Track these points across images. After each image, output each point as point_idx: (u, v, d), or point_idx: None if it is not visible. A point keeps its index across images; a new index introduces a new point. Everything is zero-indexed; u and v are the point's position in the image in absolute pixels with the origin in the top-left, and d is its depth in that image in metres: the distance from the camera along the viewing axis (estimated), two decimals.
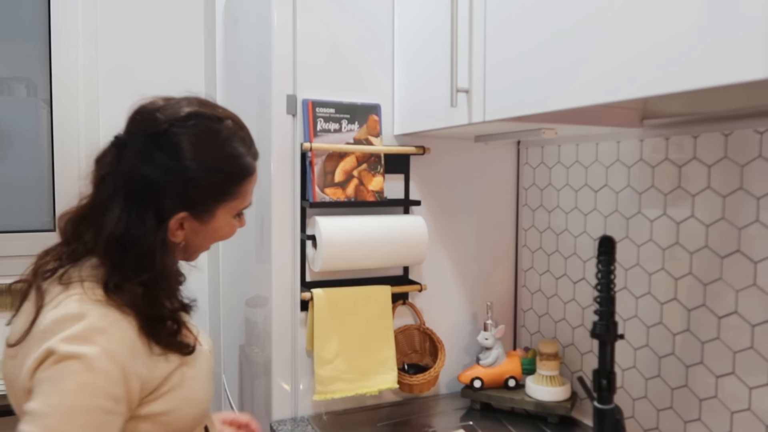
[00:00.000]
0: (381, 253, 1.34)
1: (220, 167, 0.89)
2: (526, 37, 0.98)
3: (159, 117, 0.87)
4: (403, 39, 1.38)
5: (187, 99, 0.91)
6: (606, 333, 1.06)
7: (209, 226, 0.92)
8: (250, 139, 0.94)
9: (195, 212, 0.89)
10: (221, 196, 0.90)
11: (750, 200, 1.04)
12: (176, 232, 0.89)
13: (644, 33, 0.78)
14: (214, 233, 0.94)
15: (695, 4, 0.71)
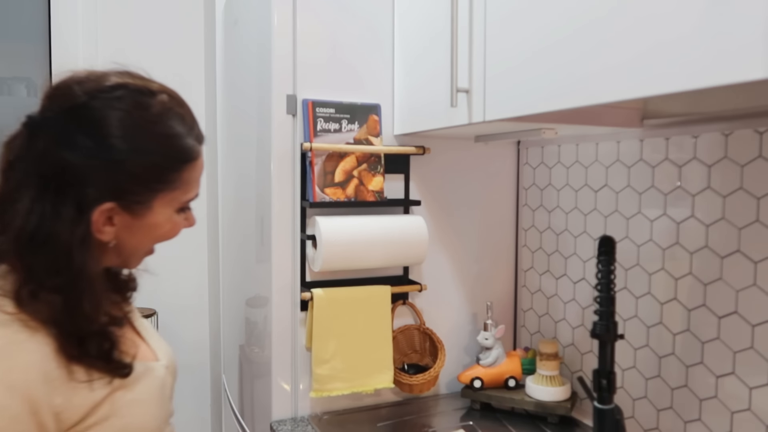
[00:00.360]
0: (381, 253, 1.34)
1: (153, 148, 0.75)
2: (526, 37, 0.98)
3: (77, 90, 0.73)
4: (403, 39, 1.38)
5: (115, 71, 0.77)
6: (606, 333, 1.06)
7: (145, 221, 0.77)
8: (192, 118, 0.80)
9: (125, 203, 0.75)
10: (157, 184, 0.76)
11: (750, 200, 1.04)
12: (103, 227, 0.75)
13: (644, 33, 0.77)
14: (153, 231, 0.79)
15: (695, 4, 0.71)
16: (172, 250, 2.26)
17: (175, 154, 0.77)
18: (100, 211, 0.74)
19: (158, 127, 0.75)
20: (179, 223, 0.82)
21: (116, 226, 0.76)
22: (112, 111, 0.72)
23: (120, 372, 0.76)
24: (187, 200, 0.81)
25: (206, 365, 2.33)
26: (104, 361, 0.74)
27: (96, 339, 0.74)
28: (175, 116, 0.77)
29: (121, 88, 0.74)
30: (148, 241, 0.81)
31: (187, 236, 2.28)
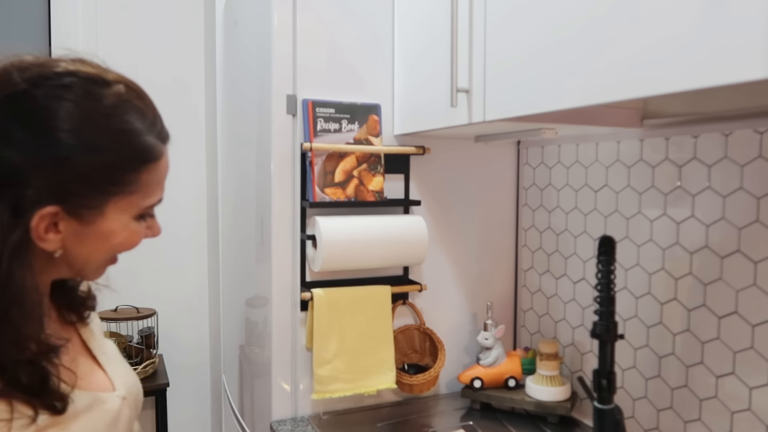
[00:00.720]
0: (381, 253, 1.34)
1: (105, 144, 0.65)
2: (526, 36, 0.98)
3: (16, 76, 0.63)
4: (404, 39, 1.38)
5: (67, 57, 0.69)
6: (606, 333, 1.06)
7: (97, 228, 0.67)
8: (154, 113, 0.70)
9: (71, 207, 0.65)
10: (109, 186, 0.66)
11: (750, 200, 1.04)
12: (45, 235, 0.64)
13: (644, 33, 0.78)
14: (107, 240, 0.68)
15: (695, 4, 0.71)
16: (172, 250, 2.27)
17: (131, 153, 0.66)
18: (41, 216, 0.63)
19: (112, 121, 0.65)
20: (138, 232, 0.70)
21: (62, 233, 0.66)
22: (57, 101, 0.63)
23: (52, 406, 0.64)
24: (148, 206, 0.71)
25: (206, 365, 2.33)
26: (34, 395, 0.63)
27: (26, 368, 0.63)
28: (132, 109, 0.67)
29: (69, 76, 0.65)
30: (102, 252, 0.69)
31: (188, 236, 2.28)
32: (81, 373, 0.73)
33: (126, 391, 0.78)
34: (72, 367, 0.70)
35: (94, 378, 0.76)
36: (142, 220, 0.72)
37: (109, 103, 0.66)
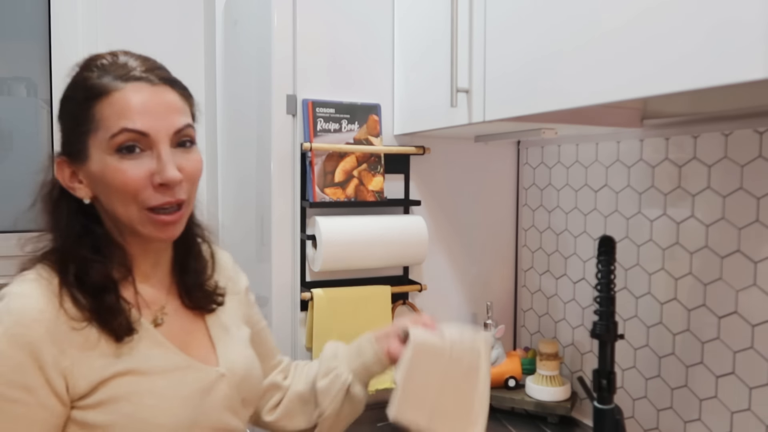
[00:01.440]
0: (381, 253, 1.34)
1: (70, 94, 0.78)
2: (526, 36, 0.98)
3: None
4: (404, 38, 1.38)
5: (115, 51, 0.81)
6: (606, 333, 1.06)
7: (92, 170, 0.76)
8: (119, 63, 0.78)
9: (69, 154, 0.78)
10: (79, 126, 0.76)
11: (750, 200, 1.03)
12: (74, 185, 0.78)
13: (644, 33, 0.78)
14: (102, 181, 0.75)
15: (695, 4, 0.71)
16: None
17: (84, 93, 0.76)
18: (57, 166, 0.78)
19: (77, 75, 0.78)
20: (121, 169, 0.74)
21: (83, 182, 0.78)
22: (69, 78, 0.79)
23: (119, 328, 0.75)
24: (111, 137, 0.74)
25: None
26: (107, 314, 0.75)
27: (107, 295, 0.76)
28: (96, 63, 0.78)
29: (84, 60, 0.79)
30: (114, 197, 0.76)
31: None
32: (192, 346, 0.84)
33: (228, 370, 0.85)
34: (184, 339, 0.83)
35: (202, 352, 0.85)
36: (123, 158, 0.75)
37: (82, 64, 0.79)
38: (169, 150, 0.76)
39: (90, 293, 0.75)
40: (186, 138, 0.79)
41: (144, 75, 0.76)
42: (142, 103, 0.75)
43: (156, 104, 0.76)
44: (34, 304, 0.71)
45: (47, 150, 1.96)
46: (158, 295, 0.85)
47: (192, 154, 0.80)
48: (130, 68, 0.76)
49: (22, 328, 0.69)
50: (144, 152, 0.75)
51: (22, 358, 0.69)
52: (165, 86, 0.78)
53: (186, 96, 0.82)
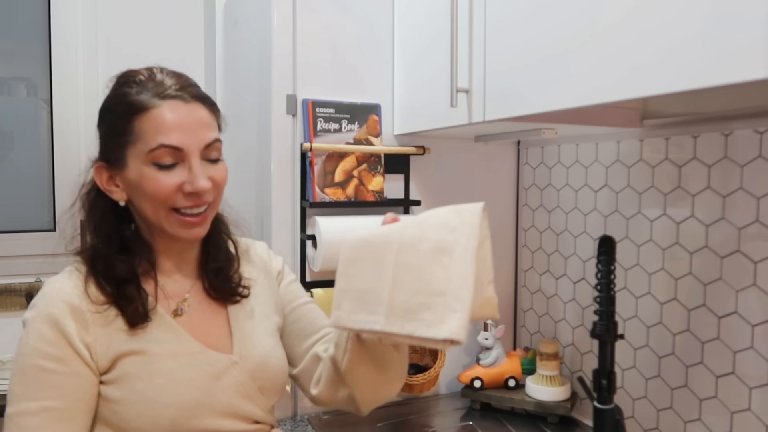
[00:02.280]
0: None
1: (111, 107, 0.86)
2: (525, 36, 0.98)
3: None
4: (404, 39, 1.38)
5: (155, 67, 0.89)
6: (606, 333, 1.06)
7: (128, 177, 0.85)
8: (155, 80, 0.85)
9: (108, 161, 0.86)
10: (118, 137, 0.84)
11: (750, 200, 1.03)
12: (111, 188, 0.87)
13: (644, 33, 0.78)
14: (138, 187, 0.84)
15: (695, 4, 0.71)
16: None
17: (123, 108, 0.84)
18: (96, 170, 0.87)
19: (118, 90, 0.86)
20: (155, 179, 0.83)
21: (120, 186, 0.86)
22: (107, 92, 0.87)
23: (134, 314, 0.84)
24: (150, 151, 0.82)
25: None
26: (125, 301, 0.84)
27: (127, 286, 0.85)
28: (132, 81, 0.85)
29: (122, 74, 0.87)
30: (145, 200, 0.85)
31: None
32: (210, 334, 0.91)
33: (241, 358, 0.90)
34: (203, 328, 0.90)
35: (218, 340, 0.91)
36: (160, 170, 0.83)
37: (120, 80, 0.87)
38: (199, 162, 0.84)
39: (113, 283, 0.85)
40: (214, 152, 0.87)
41: (178, 93, 0.84)
42: (177, 120, 0.83)
43: (189, 121, 0.84)
44: (62, 287, 0.83)
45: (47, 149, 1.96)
46: (182, 288, 0.92)
47: (220, 165, 0.88)
48: (166, 86, 0.84)
49: (51, 308, 0.81)
50: (177, 164, 0.84)
51: (53, 333, 0.80)
52: (197, 103, 0.85)
53: (214, 111, 0.89)
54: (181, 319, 0.90)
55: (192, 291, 0.93)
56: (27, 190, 1.94)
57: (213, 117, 0.88)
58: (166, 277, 0.91)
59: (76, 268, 0.87)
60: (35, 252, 1.86)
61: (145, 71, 0.86)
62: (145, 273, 0.89)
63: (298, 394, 1.38)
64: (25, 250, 1.85)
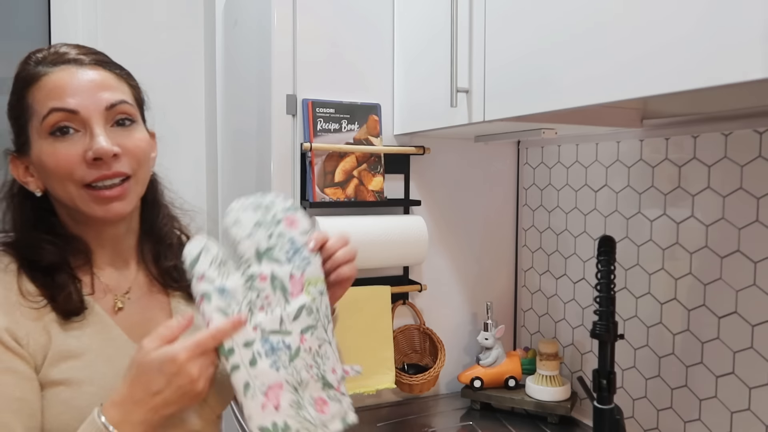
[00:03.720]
0: (381, 253, 1.34)
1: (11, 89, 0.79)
2: (525, 37, 0.98)
3: None
4: (403, 39, 1.38)
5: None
6: (606, 333, 1.06)
7: (35, 160, 0.77)
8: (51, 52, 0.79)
9: (17, 149, 0.79)
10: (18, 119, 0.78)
11: (750, 200, 1.03)
12: (27, 180, 0.79)
13: (644, 33, 0.78)
14: (44, 167, 0.76)
15: (695, 4, 0.71)
16: None
17: (19, 85, 0.78)
18: (11, 164, 0.80)
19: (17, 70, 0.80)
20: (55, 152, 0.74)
21: (33, 175, 0.78)
22: None
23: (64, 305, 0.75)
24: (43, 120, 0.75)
25: None
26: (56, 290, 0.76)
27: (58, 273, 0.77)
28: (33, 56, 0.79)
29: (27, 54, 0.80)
30: (54, 180, 0.76)
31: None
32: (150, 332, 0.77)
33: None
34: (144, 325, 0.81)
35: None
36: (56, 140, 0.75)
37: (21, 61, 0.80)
38: (103, 127, 0.75)
39: (42, 272, 0.76)
40: (123, 115, 0.78)
41: (75, 58, 0.77)
42: (69, 82, 0.75)
43: (85, 82, 0.75)
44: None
45: None
46: (123, 281, 0.84)
47: (133, 132, 0.79)
48: (63, 54, 0.77)
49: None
50: (78, 132, 0.75)
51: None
52: (97, 67, 0.77)
53: (123, 76, 0.81)
54: (121, 315, 0.81)
55: (135, 283, 0.85)
56: None
57: (120, 81, 0.79)
58: (103, 271, 0.82)
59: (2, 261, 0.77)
60: None
61: (47, 48, 0.79)
62: (79, 267, 0.80)
63: None
64: None
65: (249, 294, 0.75)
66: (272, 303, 0.76)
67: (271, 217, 0.79)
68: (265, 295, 0.76)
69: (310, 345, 0.77)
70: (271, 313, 0.75)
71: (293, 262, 0.78)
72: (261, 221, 0.79)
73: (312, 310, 0.77)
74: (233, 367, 0.71)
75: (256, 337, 0.73)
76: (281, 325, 0.75)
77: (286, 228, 0.79)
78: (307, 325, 0.77)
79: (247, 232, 0.78)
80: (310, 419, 0.74)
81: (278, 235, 0.78)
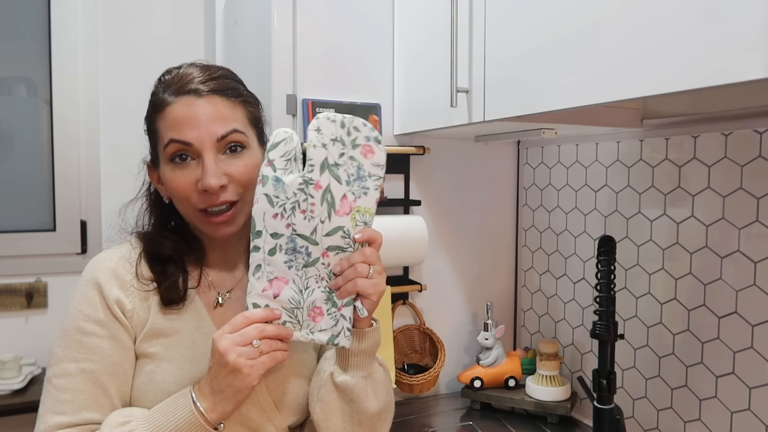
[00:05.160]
0: (381, 253, 1.33)
1: (147, 106, 0.88)
2: (526, 37, 0.98)
3: None
4: (403, 39, 1.38)
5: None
6: (606, 333, 1.06)
7: (162, 176, 0.87)
8: (173, 76, 0.86)
9: (151, 159, 0.89)
10: (149, 136, 0.88)
11: (750, 200, 1.04)
12: (159, 186, 0.90)
13: (644, 33, 0.78)
14: (167, 187, 0.86)
15: (695, 4, 0.71)
16: None
17: (149, 108, 0.86)
18: (147, 170, 0.91)
19: (153, 90, 0.86)
20: (174, 178, 0.83)
21: (163, 184, 0.87)
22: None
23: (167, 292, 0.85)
24: (164, 149, 0.83)
25: None
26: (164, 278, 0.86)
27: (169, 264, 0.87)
28: (163, 78, 0.86)
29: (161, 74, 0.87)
30: (175, 200, 0.86)
31: None
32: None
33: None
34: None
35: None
36: (175, 167, 0.83)
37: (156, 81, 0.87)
38: (213, 157, 0.81)
39: (159, 261, 0.87)
40: (233, 143, 0.83)
41: (196, 87, 0.82)
42: (187, 115, 0.81)
43: (200, 114, 0.81)
44: (110, 256, 0.87)
45: (47, 149, 1.96)
46: (228, 281, 0.92)
47: (241, 159, 0.83)
48: (185, 81, 0.83)
49: (95, 271, 0.84)
50: (194, 160, 0.82)
51: (94, 296, 0.82)
52: (213, 96, 0.83)
53: (238, 101, 0.85)
54: (219, 311, 0.89)
55: (239, 284, 0.92)
56: (27, 190, 1.94)
57: (234, 109, 0.84)
58: (212, 269, 0.92)
59: (129, 242, 0.90)
60: (35, 252, 1.86)
61: (176, 68, 0.86)
62: (192, 263, 0.90)
63: None
64: (25, 250, 1.85)
65: (299, 194, 0.80)
66: (315, 212, 0.80)
67: (352, 139, 0.82)
68: (311, 202, 0.80)
69: (330, 262, 0.80)
70: (310, 220, 0.80)
71: (351, 186, 0.82)
72: (340, 138, 0.83)
73: (348, 234, 0.81)
74: (254, 248, 0.80)
75: (285, 233, 0.80)
76: (312, 233, 0.80)
77: (360, 154, 0.82)
78: (336, 245, 0.80)
79: (322, 142, 0.82)
80: (299, 319, 0.80)
81: (350, 157, 0.82)
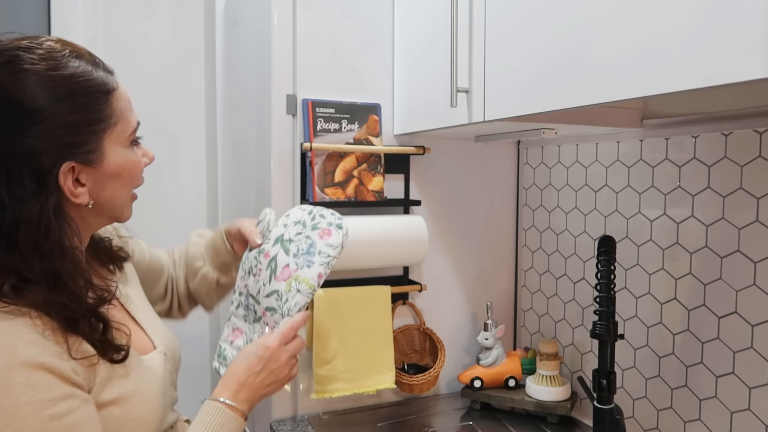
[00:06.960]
0: (381, 253, 1.34)
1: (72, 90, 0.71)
2: (526, 36, 0.98)
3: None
4: (404, 38, 1.38)
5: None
6: (606, 333, 1.07)
7: (107, 169, 0.75)
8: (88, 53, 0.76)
9: (81, 158, 0.73)
10: (95, 125, 0.73)
11: (750, 200, 1.04)
12: (76, 190, 0.73)
13: (644, 33, 0.78)
14: (117, 176, 0.76)
15: (695, 4, 0.71)
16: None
17: (95, 90, 0.73)
18: (63, 174, 0.71)
19: (63, 71, 0.71)
20: (136, 161, 0.79)
21: (86, 184, 0.74)
22: (10, 77, 0.69)
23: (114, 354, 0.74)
24: (132, 131, 0.78)
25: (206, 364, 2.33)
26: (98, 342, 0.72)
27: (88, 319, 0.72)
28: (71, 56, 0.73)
29: (6, 52, 0.70)
30: (120, 189, 0.78)
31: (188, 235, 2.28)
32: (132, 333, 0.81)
33: (165, 347, 0.89)
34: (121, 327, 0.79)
35: (137, 339, 0.83)
36: (135, 147, 0.80)
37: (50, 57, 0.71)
38: None
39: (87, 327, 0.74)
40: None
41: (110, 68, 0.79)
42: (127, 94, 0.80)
43: None
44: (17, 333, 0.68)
45: None
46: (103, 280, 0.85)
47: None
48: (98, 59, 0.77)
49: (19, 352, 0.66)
50: None
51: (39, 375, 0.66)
52: None
53: None
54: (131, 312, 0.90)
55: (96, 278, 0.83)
56: None
57: None
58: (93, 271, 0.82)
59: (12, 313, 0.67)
60: None
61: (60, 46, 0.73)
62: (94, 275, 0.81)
63: (298, 394, 1.38)
64: None
65: (253, 261, 0.97)
66: (260, 276, 0.96)
67: (314, 223, 0.97)
68: (260, 267, 0.97)
69: (268, 321, 0.95)
70: (256, 282, 0.97)
71: (297, 258, 0.95)
72: (303, 221, 0.98)
73: (281, 298, 0.94)
74: (231, 301, 1.03)
75: (243, 291, 1.01)
76: (257, 294, 0.96)
77: (317, 235, 0.96)
78: (271, 306, 0.95)
79: (284, 223, 0.98)
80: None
81: (306, 236, 0.96)
